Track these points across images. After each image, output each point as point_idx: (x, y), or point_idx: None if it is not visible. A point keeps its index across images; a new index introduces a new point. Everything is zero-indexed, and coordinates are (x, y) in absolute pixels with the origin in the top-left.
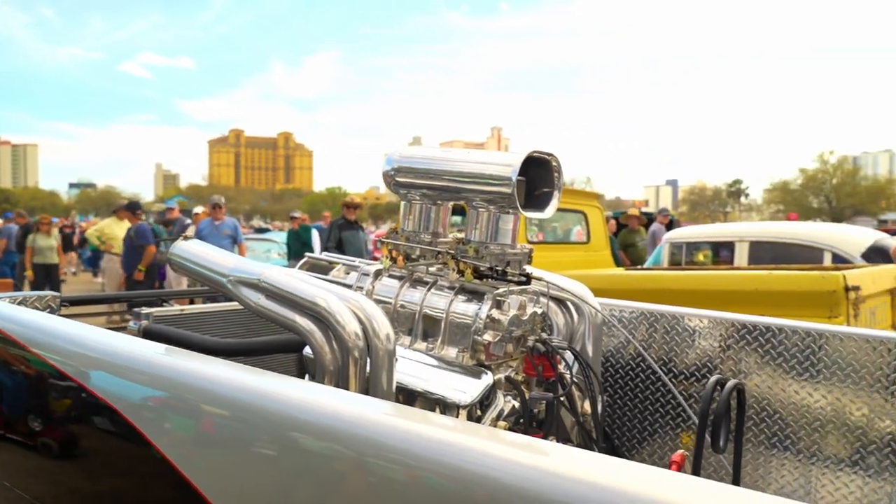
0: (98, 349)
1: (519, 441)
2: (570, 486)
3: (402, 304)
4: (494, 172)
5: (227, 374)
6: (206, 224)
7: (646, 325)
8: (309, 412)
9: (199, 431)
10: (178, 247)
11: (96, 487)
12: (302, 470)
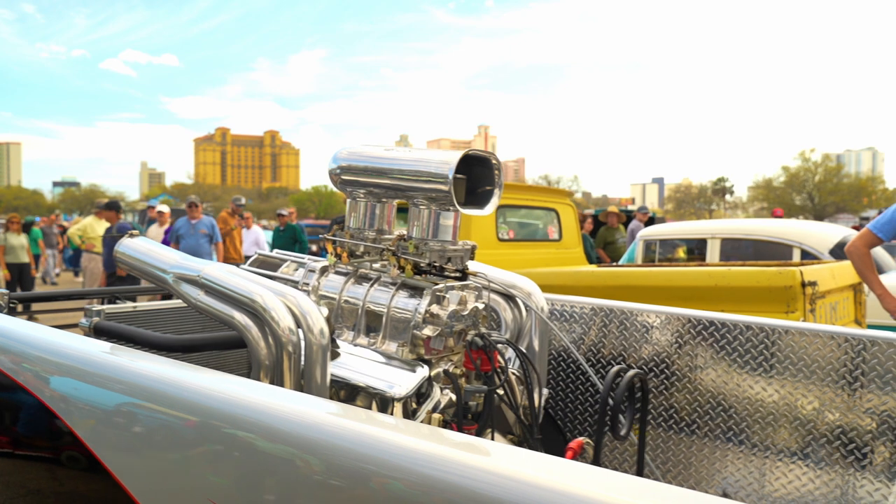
0: (34, 346)
1: (424, 431)
2: (449, 470)
3: (346, 299)
4: (433, 171)
5: (160, 371)
6: (182, 223)
7: (598, 320)
8: (239, 408)
9: (126, 427)
10: (124, 244)
11: (24, 482)
12: (236, 467)
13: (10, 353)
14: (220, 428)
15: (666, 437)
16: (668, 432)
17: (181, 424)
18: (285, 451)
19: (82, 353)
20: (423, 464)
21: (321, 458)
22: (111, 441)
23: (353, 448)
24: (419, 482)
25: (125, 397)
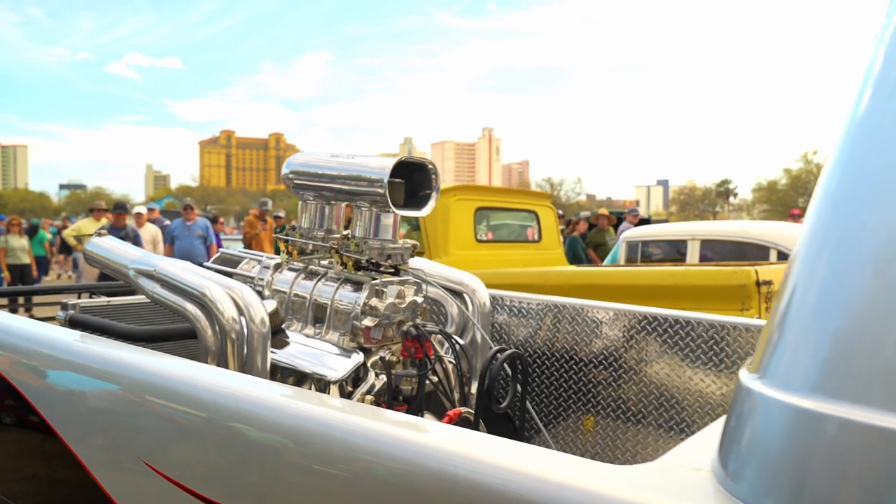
0: (10, 333)
1: (336, 403)
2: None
3: (296, 293)
4: (371, 175)
5: (120, 355)
6: (177, 224)
7: (551, 316)
8: (173, 383)
9: (80, 401)
10: (92, 242)
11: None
12: (163, 432)
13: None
14: (156, 401)
15: (615, 427)
16: (616, 422)
17: (125, 397)
18: (207, 418)
19: (52, 341)
20: (331, 427)
21: (240, 421)
22: (65, 413)
23: (263, 414)
24: (317, 445)
25: (86, 378)
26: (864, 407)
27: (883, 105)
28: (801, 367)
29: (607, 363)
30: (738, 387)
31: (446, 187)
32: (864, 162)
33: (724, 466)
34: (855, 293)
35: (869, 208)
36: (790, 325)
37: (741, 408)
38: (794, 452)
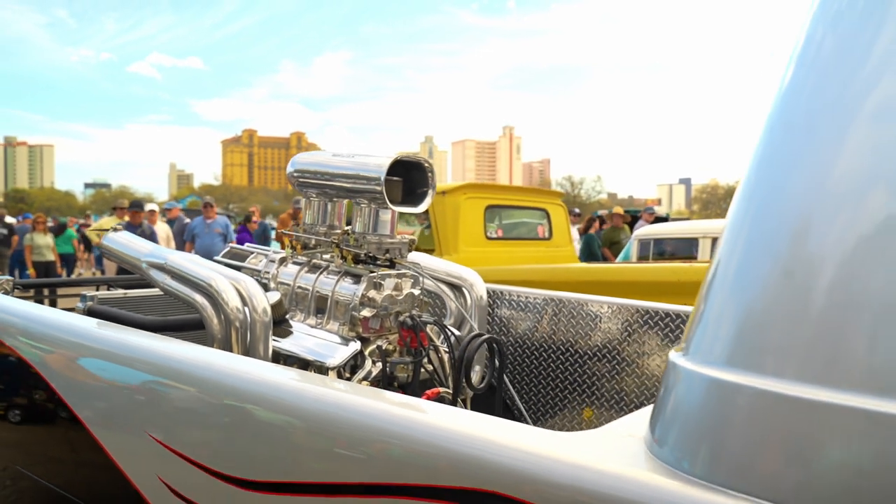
0: (34, 321)
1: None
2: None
3: (299, 286)
4: (369, 174)
5: (131, 340)
6: (198, 222)
7: (550, 310)
8: (181, 364)
9: (95, 380)
10: (108, 237)
11: (19, 450)
12: (168, 408)
13: (10, 326)
14: (164, 381)
15: (613, 418)
16: (614, 413)
17: (134, 377)
18: (207, 395)
19: (70, 327)
20: (316, 402)
21: (244, 400)
22: (83, 393)
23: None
24: (309, 418)
25: (100, 361)
26: (771, 377)
27: (788, 111)
28: (718, 344)
29: (606, 356)
30: (667, 364)
31: (456, 185)
32: (772, 161)
33: (651, 433)
34: (762, 280)
35: (775, 203)
36: (709, 308)
37: (667, 381)
38: (709, 419)
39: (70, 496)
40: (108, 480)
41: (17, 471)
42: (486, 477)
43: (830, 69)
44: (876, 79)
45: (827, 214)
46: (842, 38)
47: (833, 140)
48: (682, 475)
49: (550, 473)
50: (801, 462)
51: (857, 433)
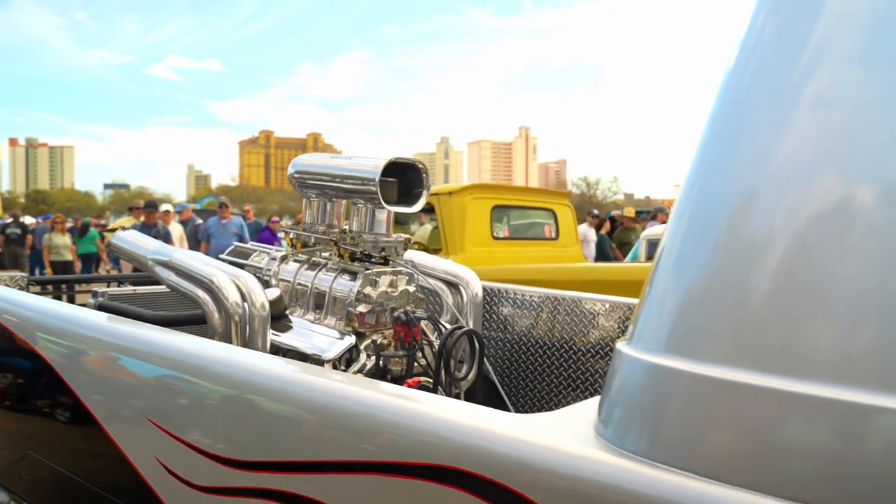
0: (48, 315)
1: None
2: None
3: (299, 282)
4: (364, 175)
5: (136, 332)
6: (213, 222)
7: (549, 308)
8: (180, 354)
9: (103, 369)
10: (117, 236)
11: (26, 426)
12: (166, 394)
13: (24, 319)
14: (163, 370)
15: None
16: None
17: (138, 367)
18: (201, 384)
19: (81, 321)
20: (318, 392)
21: (230, 387)
22: (90, 382)
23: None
24: (311, 406)
25: (109, 353)
26: (701, 362)
27: (728, 98)
28: (657, 332)
29: (603, 352)
30: (614, 352)
31: (463, 186)
32: (711, 148)
33: (599, 415)
34: (697, 268)
35: (712, 191)
36: (650, 297)
37: (613, 368)
38: (647, 401)
39: (75, 477)
40: (111, 462)
41: (33, 457)
42: (446, 454)
43: (769, 55)
44: (813, 66)
45: (760, 203)
46: (782, 24)
47: (770, 127)
48: (623, 452)
49: (504, 449)
50: (731, 440)
51: (779, 413)
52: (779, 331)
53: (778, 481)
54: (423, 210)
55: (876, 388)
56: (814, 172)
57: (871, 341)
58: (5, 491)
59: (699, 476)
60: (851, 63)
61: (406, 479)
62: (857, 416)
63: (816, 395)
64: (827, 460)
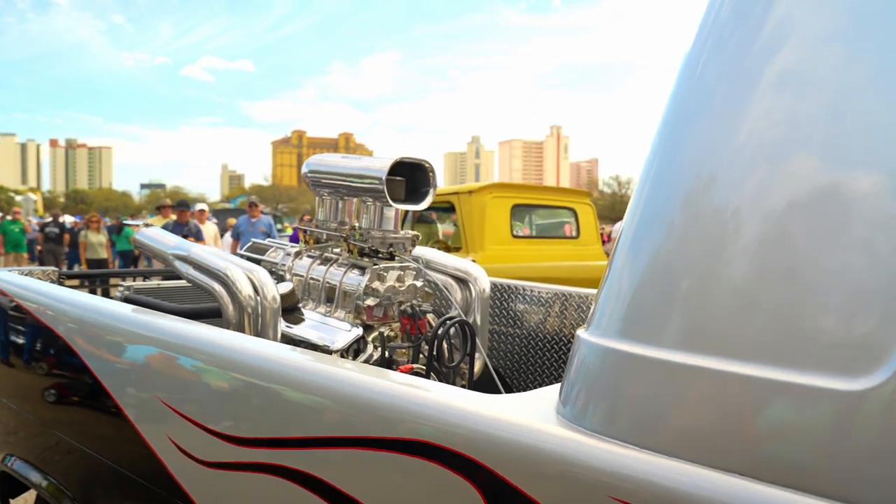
0: (77, 306)
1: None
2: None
3: (311, 277)
4: (371, 174)
5: (169, 325)
6: (243, 221)
7: (559, 304)
8: (192, 341)
9: (123, 356)
10: (140, 232)
11: (59, 413)
12: (176, 377)
13: (54, 311)
14: (176, 356)
15: None
16: None
17: (155, 353)
18: (215, 370)
19: (106, 311)
20: (322, 377)
21: (247, 374)
22: (113, 369)
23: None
24: (319, 391)
25: (131, 341)
26: (651, 346)
27: (685, 82)
28: (611, 319)
29: None
30: (574, 338)
31: (483, 185)
32: (667, 139)
33: (559, 395)
34: (645, 261)
35: (663, 186)
36: (605, 288)
37: (572, 352)
38: (601, 381)
39: (100, 457)
40: (130, 442)
41: (66, 442)
42: (421, 430)
43: (727, 34)
44: (771, 48)
45: (711, 189)
46: (739, 4)
47: (725, 110)
48: (578, 429)
49: (473, 425)
50: (675, 417)
51: (713, 390)
52: (721, 316)
53: (712, 453)
54: (444, 209)
55: (826, 371)
56: (769, 156)
57: (820, 325)
58: (42, 474)
59: (647, 450)
60: (809, 43)
61: (385, 452)
62: (797, 395)
63: (738, 373)
64: (760, 435)
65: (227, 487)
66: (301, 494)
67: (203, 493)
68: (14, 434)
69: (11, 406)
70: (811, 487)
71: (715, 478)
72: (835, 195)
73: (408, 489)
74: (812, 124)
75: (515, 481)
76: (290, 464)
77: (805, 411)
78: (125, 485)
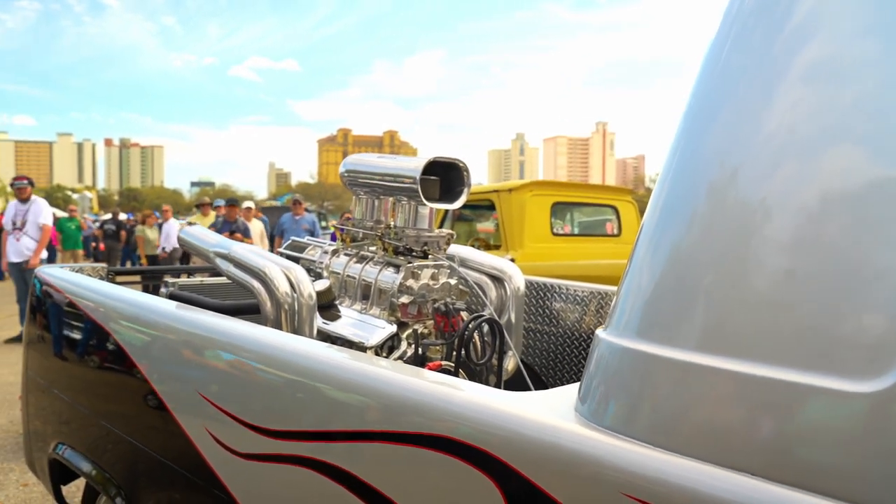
0: (124, 301)
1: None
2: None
3: (348, 275)
4: (406, 174)
5: (210, 321)
6: (287, 218)
7: (596, 302)
8: (232, 338)
9: (166, 350)
10: (184, 230)
11: (107, 405)
12: (219, 374)
13: (101, 306)
14: (214, 351)
15: None
16: None
17: (195, 348)
18: (253, 365)
19: (153, 307)
20: (354, 372)
21: (283, 369)
22: (156, 362)
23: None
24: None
25: (173, 336)
26: (667, 346)
27: (707, 76)
28: (629, 319)
29: None
30: (594, 337)
31: (523, 183)
32: (688, 136)
33: (579, 394)
34: (663, 261)
35: (685, 180)
36: (624, 288)
37: (593, 352)
38: (619, 380)
39: (143, 447)
40: (170, 432)
41: (114, 433)
42: (443, 425)
43: (752, 25)
44: (802, 38)
45: (723, 192)
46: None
47: (751, 104)
48: (594, 426)
49: (491, 420)
50: (691, 416)
51: (732, 392)
52: (743, 316)
53: (728, 454)
54: (485, 207)
55: (851, 375)
56: (801, 149)
57: (842, 327)
58: (92, 463)
59: (660, 448)
60: (845, 33)
61: (408, 446)
62: (821, 399)
63: (756, 374)
64: (780, 438)
65: (261, 478)
66: (327, 485)
67: (238, 483)
68: (66, 424)
69: (64, 397)
70: (830, 490)
71: (729, 477)
72: (870, 191)
73: (428, 483)
74: (849, 118)
75: (532, 476)
76: (318, 456)
77: (829, 414)
78: (167, 475)
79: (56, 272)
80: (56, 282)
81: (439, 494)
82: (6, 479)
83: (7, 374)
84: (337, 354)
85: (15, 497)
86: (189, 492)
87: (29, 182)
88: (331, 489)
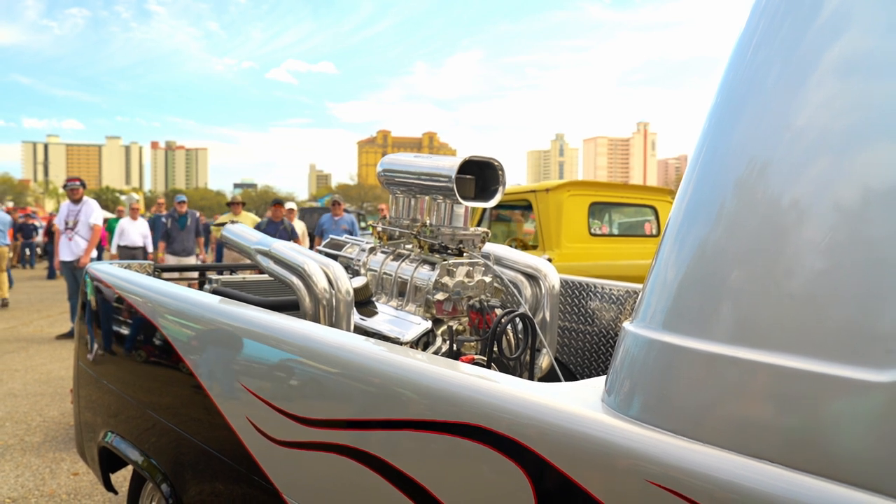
0: (170, 296)
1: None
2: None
3: (384, 272)
4: (441, 173)
5: (252, 315)
6: (326, 218)
7: (632, 301)
8: (275, 331)
9: (209, 342)
10: (227, 229)
11: (153, 396)
12: (296, 376)
13: (148, 300)
14: (256, 343)
15: None
16: None
17: (238, 341)
18: (283, 356)
19: (197, 302)
20: (393, 365)
21: (328, 363)
22: (200, 354)
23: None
24: (390, 378)
25: (217, 329)
26: (694, 338)
27: (733, 75)
28: (655, 311)
29: None
30: (621, 330)
31: (560, 183)
32: (716, 130)
33: (606, 385)
34: (690, 253)
35: (713, 174)
36: (650, 281)
37: (620, 344)
38: (644, 372)
39: (188, 436)
40: (213, 422)
41: (161, 423)
42: (474, 413)
43: (778, 19)
44: (834, 32)
45: (747, 188)
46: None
47: (780, 95)
48: (620, 415)
49: (521, 410)
50: (713, 406)
51: (751, 380)
52: (763, 309)
53: (750, 442)
54: (522, 207)
55: (877, 366)
56: (834, 144)
57: (867, 319)
58: (140, 451)
59: (684, 437)
60: (881, 28)
61: (439, 434)
62: (848, 390)
63: (779, 364)
64: (804, 427)
65: (298, 465)
66: (362, 471)
67: (277, 469)
68: (115, 415)
69: (113, 389)
70: (855, 479)
71: (752, 465)
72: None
73: (459, 469)
74: (885, 114)
75: (558, 464)
76: (353, 444)
77: (854, 404)
78: (211, 463)
79: (106, 268)
80: (106, 277)
81: (469, 481)
82: (58, 469)
83: (58, 368)
84: (374, 347)
85: (66, 486)
86: (230, 478)
87: (81, 183)
88: (365, 475)
